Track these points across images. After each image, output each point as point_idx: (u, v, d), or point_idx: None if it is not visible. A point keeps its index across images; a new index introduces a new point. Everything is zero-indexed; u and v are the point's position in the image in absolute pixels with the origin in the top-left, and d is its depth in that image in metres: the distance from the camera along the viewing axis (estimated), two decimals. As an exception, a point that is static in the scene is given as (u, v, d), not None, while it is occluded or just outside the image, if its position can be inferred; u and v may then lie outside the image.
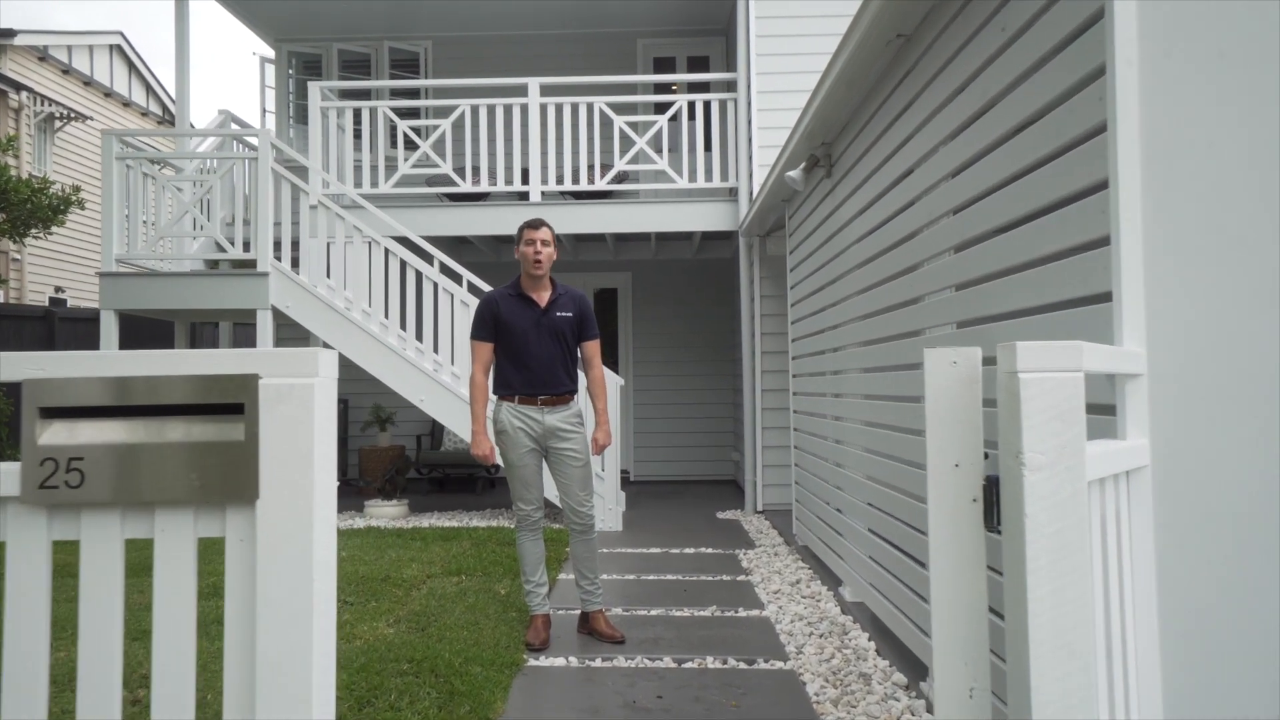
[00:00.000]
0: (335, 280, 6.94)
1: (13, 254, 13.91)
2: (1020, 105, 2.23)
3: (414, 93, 9.64)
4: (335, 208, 6.87)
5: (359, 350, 6.80)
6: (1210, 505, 1.60)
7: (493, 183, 7.87)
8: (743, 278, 7.50)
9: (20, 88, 14.12)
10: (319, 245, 6.93)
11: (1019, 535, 1.27)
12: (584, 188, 7.76)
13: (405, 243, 7.61)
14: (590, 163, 8.11)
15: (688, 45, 9.79)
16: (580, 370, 3.92)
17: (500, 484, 9.21)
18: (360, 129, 8.36)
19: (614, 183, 7.85)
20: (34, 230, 10.72)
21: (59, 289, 15.20)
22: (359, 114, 8.46)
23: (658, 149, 8.58)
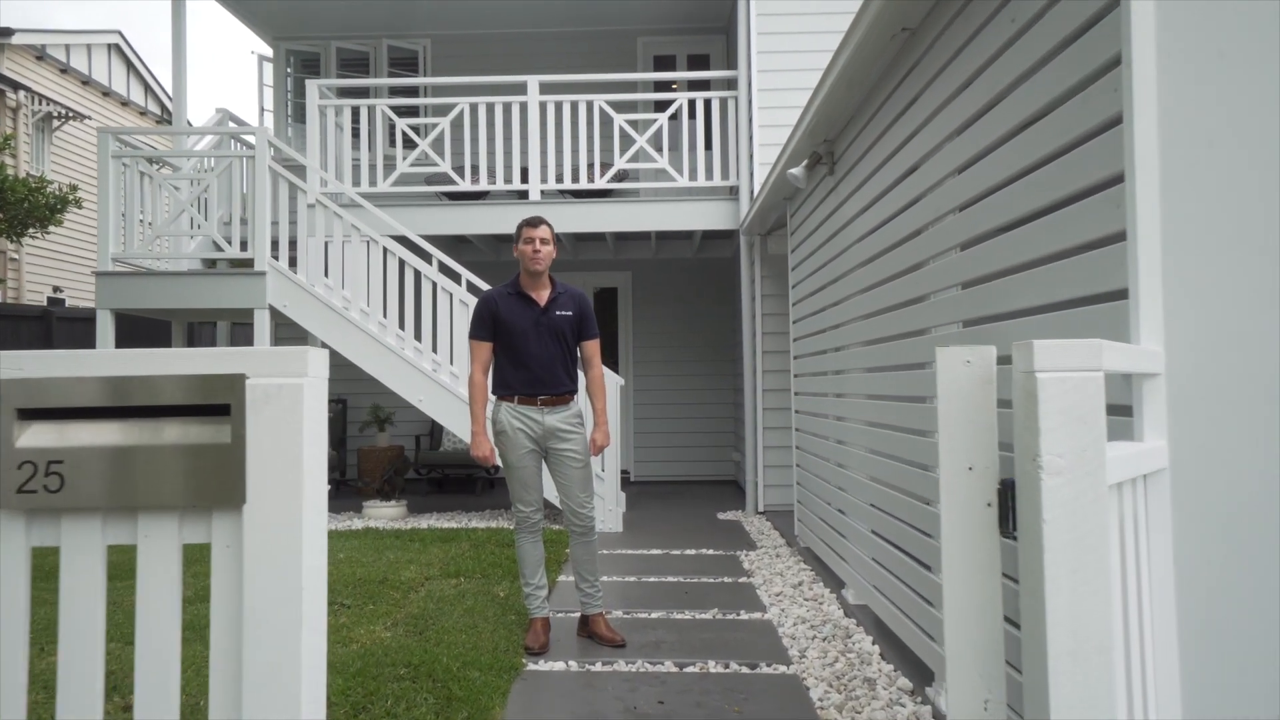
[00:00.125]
0: (333, 279, 6.89)
1: (10, 254, 13.87)
2: (1030, 98, 2.18)
3: (413, 91, 9.59)
4: (333, 206, 6.82)
5: (357, 349, 6.75)
6: (1230, 509, 1.55)
7: (492, 181, 7.82)
8: (743, 277, 7.45)
9: (18, 87, 14.07)
10: (317, 244, 6.88)
11: (1036, 542, 1.22)
12: (584, 186, 7.71)
13: (404, 242, 7.56)
14: (590, 161, 8.06)
15: (688, 43, 9.74)
16: (580, 370, 3.86)
17: (499, 485, 9.16)
18: (359, 127, 8.31)
19: (614, 181, 7.80)
20: (31, 230, 10.68)
21: (57, 289, 15.15)
22: (357, 112, 8.42)
23: (658, 147, 8.53)
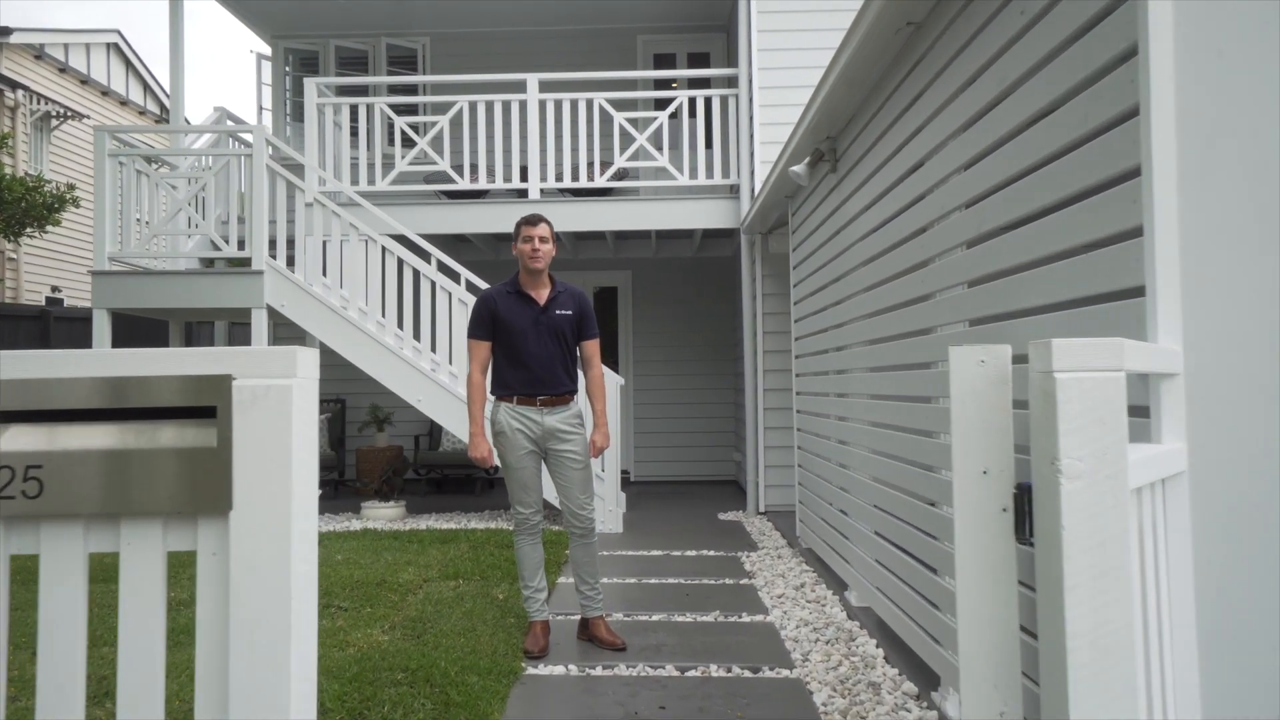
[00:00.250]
0: (331, 279, 6.84)
1: (8, 253, 13.81)
2: (1040, 92, 2.13)
3: (412, 89, 9.54)
4: (332, 205, 6.77)
5: (355, 349, 6.70)
6: (1251, 513, 1.50)
7: (491, 180, 7.77)
8: (744, 275, 7.40)
9: (16, 86, 14.02)
10: (315, 243, 6.83)
11: (1055, 550, 1.17)
12: (583, 185, 7.66)
13: (403, 241, 7.50)
14: (590, 160, 8.00)
15: (688, 41, 9.69)
16: (580, 370, 3.81)
17: (499, 485, 9.11)
18: (357, 126, 8.26)
19: (614, 180, 7.75)
20: (29, 229, 10.64)
21: (55, 288, 15.10)
22: (356, 111, 8.37)
23: (658, 146, 8.47)
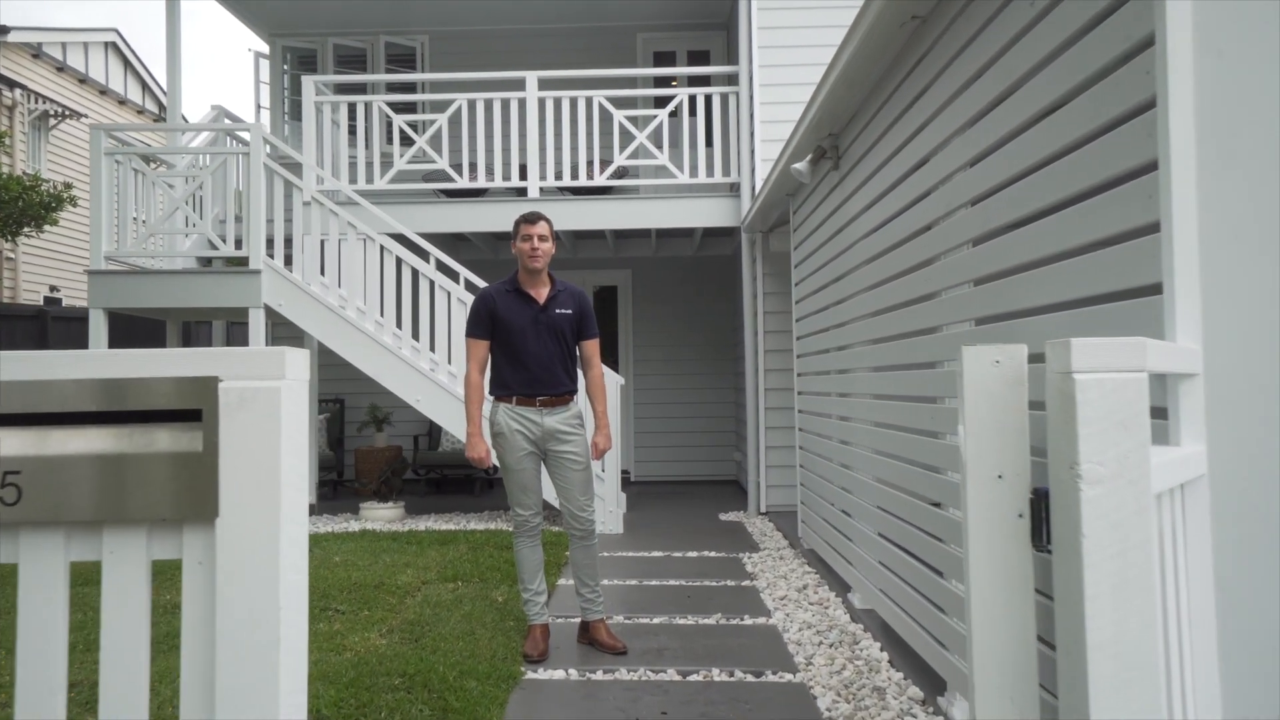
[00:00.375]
0: (329, 278, 6.79)
1: (6, 253, 13.76)
2: (1050, 85, 2.09)
3: (410, 87, 9.49)
4: (330, 204, 6.72)
5: (353, 349, 6.65)
6: (1273, 516, 1.45)
7: (490, 179, 7.72)
8: (745, 274, 7.35)
9: (14, 85, 13.96)
10: (313, 242, 6.78)
11: (1075, 558, 1.13)
12: (583, 183, 7.61)
13: (401, 240, 7.46)
14: (589, 158, 7.95)
15: (688, 39, 9.64)
16: (579, 370, 3.77)
17: (498, 485, 9.06)
18: (355, 124, 8.20)
19: (614, 178, 7.70)
20: (26, 229, 10.59)
21: (54, 288, 15.05)
22: (354, 109, 8.32)
23: (658, 144, 8.42)
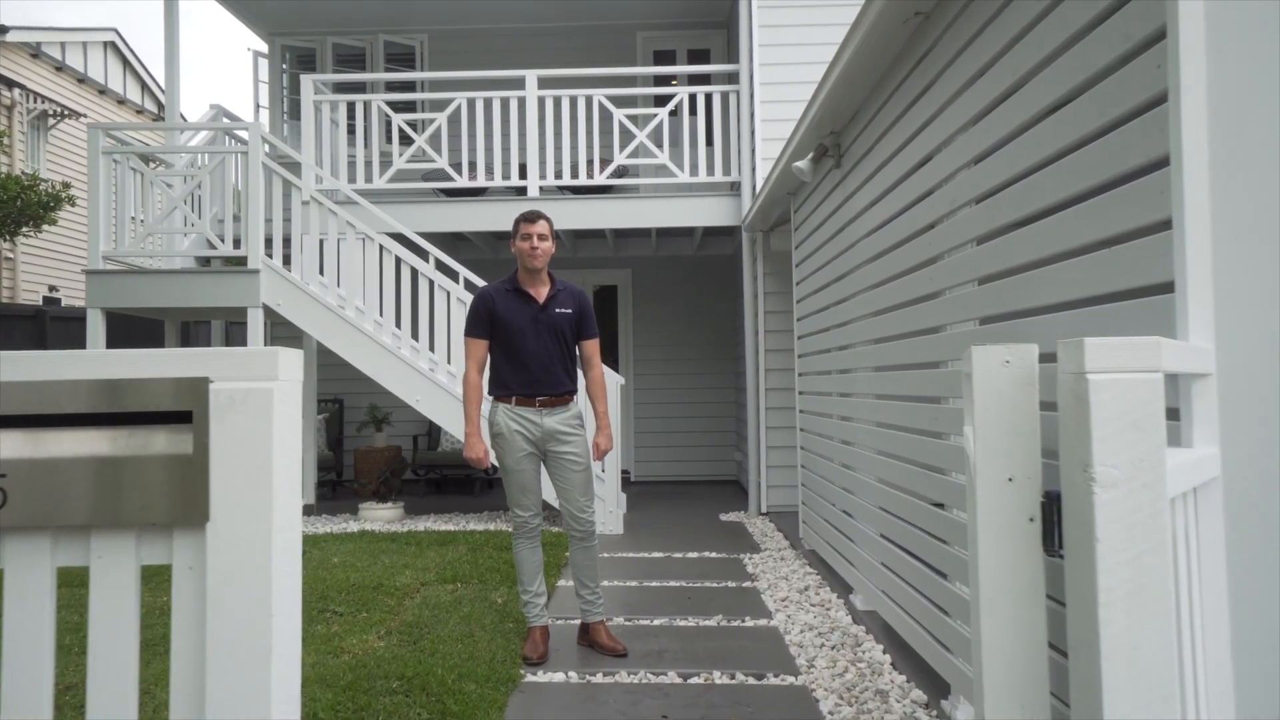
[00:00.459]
0: (328, 277, 6.76)
1: (5, 252, 13.73)
2: (1058, 81, 2.05)
3: (410, 86, 9.45)
4: (328, 203, 6.69)
5: (352, 349, 6.62)
6: (1287, 521, 1.42)
7: (490, 178, 7.69)
8: (745, 274, 7.32)
9: (12, 84, 13.93)
10: (311, 242, 6.75)
11: (1088, 563, 1.10)
12: (583, 182, 7.58)
13: (401, 239, 7.43)
14: (589, 157, 7.92)
15: (688, 38, 9.61)
16: (579, 370, 3.73)
17: (498, 485, 9.03)
18: (354, 124, 8.18)
19: (614, 177, 7.67)
20: (24, 228, 10.55)
21: (52, 288, 15.01)
22: (353, 108, 8.29)
23: (658, 143, 8.39)
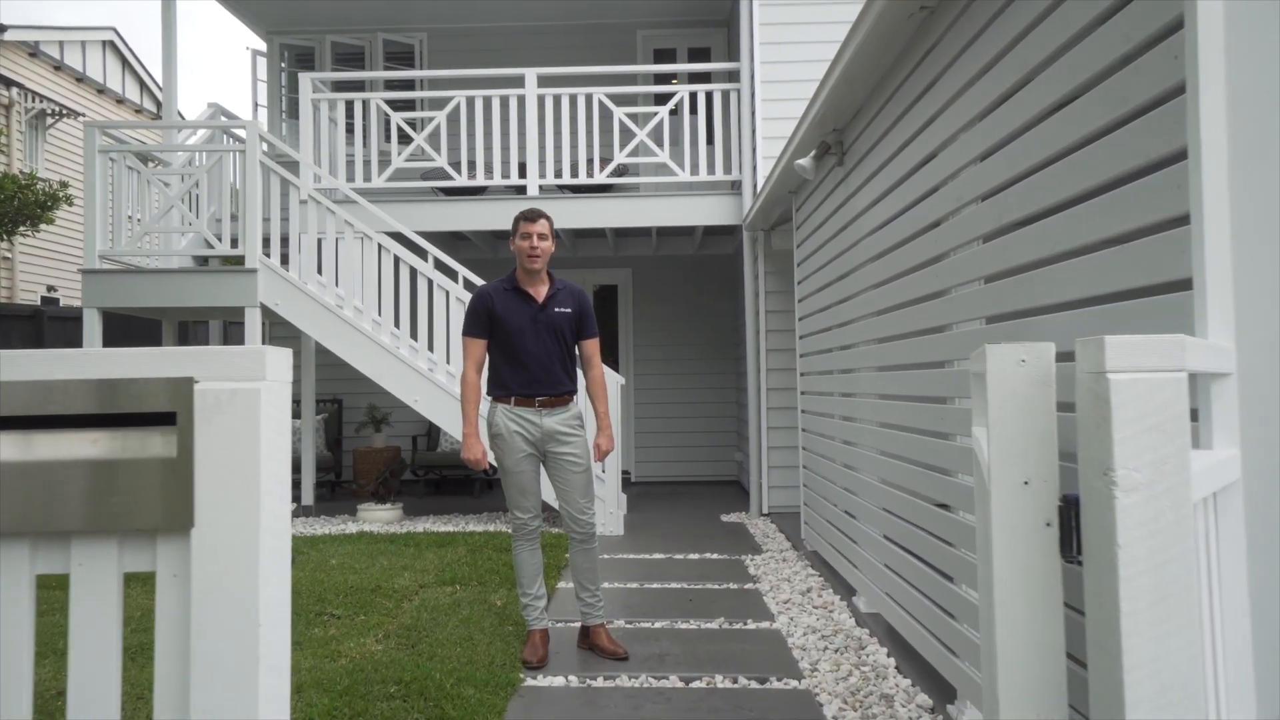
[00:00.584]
0: (326, 277, 6.71)
1: (3, 252, 13.68)
2: (1069, 74, 2.01)
3: (409, 85, 9.41)
4: (327, 202, 6.64)
5: (351, 349, 6.58)
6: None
7: (489, 177, 7.64)
8: (746, 273, 7.28)
9: (10, 84, 13.88)
10: (310, 241, 6.70)
11: (1109, 571, 1.05)
12: (583, 181, 7.54)
13: (399, 239, 7.39)
14: (589, 156, 7.88)
15: (688, 37, 9.56)
16: (579, 370, 3.69)
17: (498, 486, 8.99)
18: (353, 122, 8.13)
19: (614, 176, 7.62)
20: (22, 228, 10.50)
21: (51, 288, 14.96)
22: (351, 107, 8.24)
23: (658, 141, 8.35)
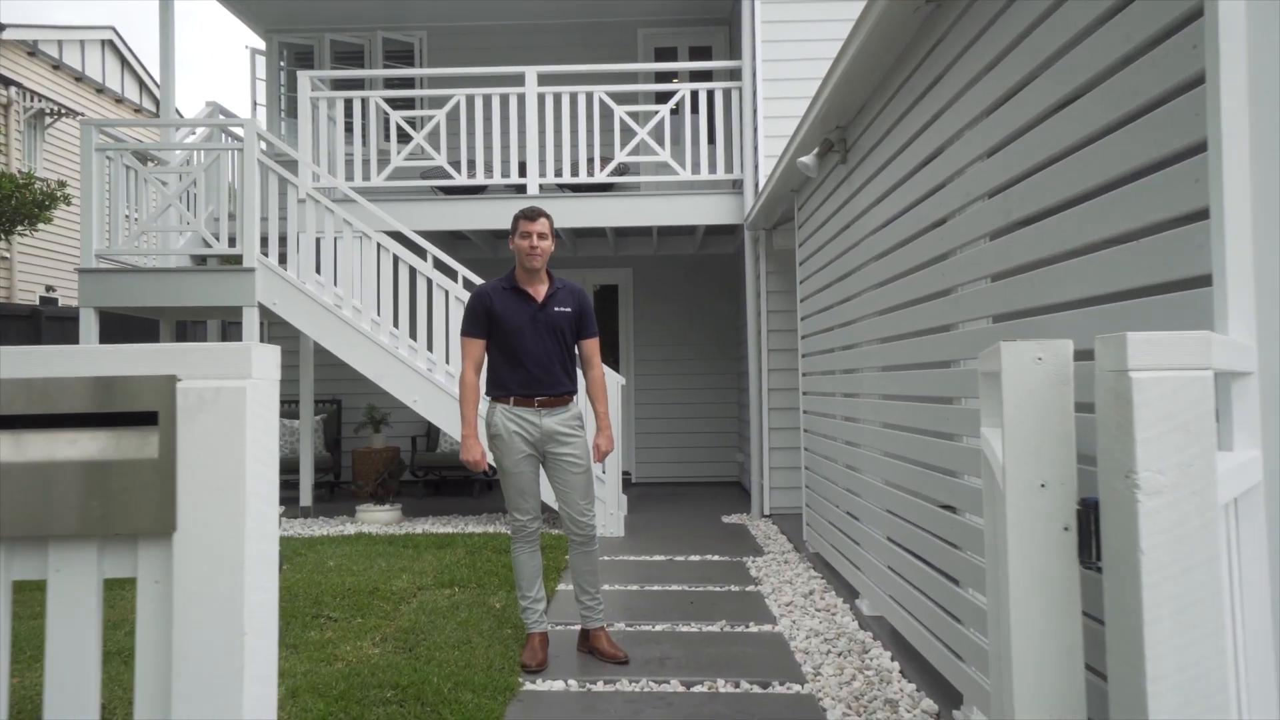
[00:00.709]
0: (325, 276, 6.67)
1: (1, 252, 13.64)
2: (1081, 66, 1.96)
3: (408, 83, 9.36)
4: (325, 201, 6.60)
5: (350, 348, 6.54)
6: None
7: (489, 176, 7.60)
8: (748, 272, 7.23)
9: (9, 83, 13.84)
10: (308, 240, 6.66)
11: (1132, 577, 1.01)
12: (583, 180, 7.49)
13: (399, 238, 7.34)
14: (590, 155, 7.83)
15: (689, 35, 9.52)
16: (579, 370, 3.64)
17: (498, 486, 8.93)
18: (352, 121, 8.09)
19: (614, 175, 7.58)
20: (20, 227, 10.46)
21: (50, 288, 14.92)
22: (350, 105, 8.19)
23: (659, 140, 8.30)
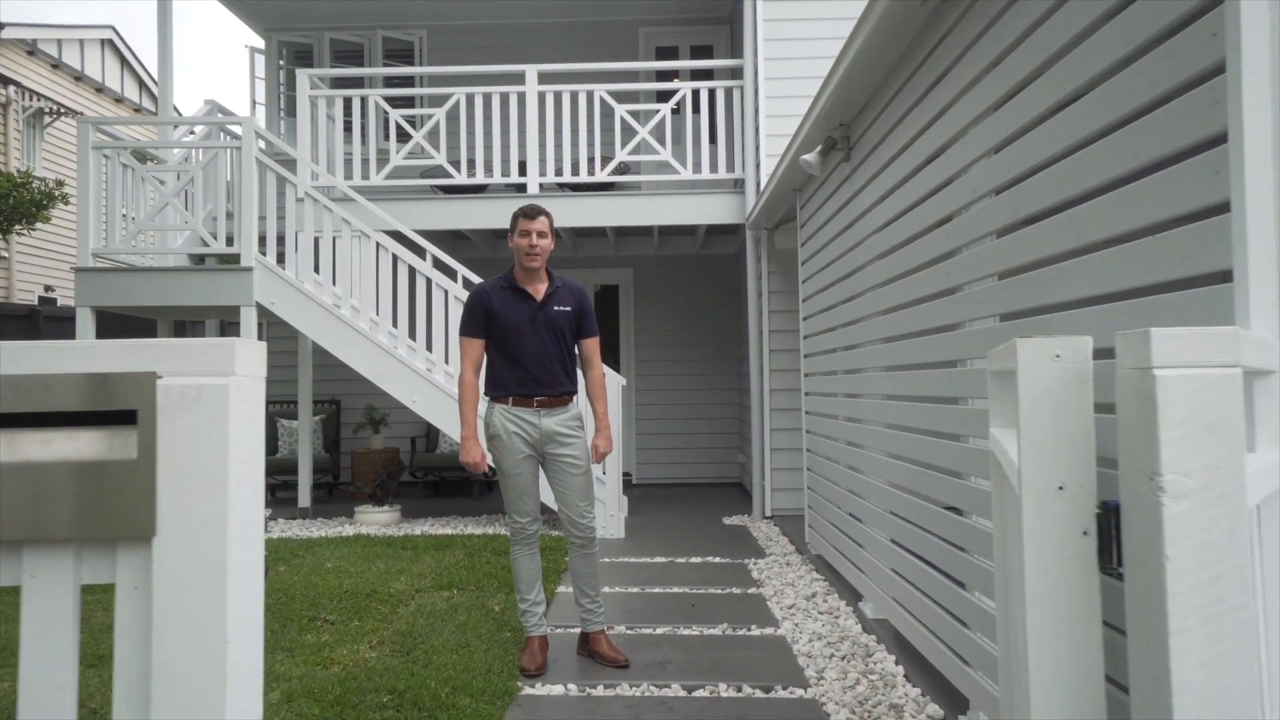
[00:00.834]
0: (323, 276, 6.63)
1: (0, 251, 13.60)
2: (1093, 58, 1.92)
3: (408, 82, 9.32)
4: (324, 200, 6.56)
5: (348, 348, 6.49)
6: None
7: (489, 175, 7.56)
8: (749, 272, 7.18)
9: (8, 82, 13.80)
10: (306, 239, 6.62)
11: (1156, 584, 0.96)
12: (584, 180, 7.45)
13: (398, 237, 7.30)
14: (590, 154, 7.79)
15: (691, 34, 9.47)
16: (579, 370, 3.60)
17: (497, 487, 8.89)
18: (351, 120, 8.04)
19: (615, 174, 7.53)
20: (18, 226, 10.42)
21: (48, 288, 14.88)
22: (349, 104, 8.15)
23: (660, 139, 8.26)
